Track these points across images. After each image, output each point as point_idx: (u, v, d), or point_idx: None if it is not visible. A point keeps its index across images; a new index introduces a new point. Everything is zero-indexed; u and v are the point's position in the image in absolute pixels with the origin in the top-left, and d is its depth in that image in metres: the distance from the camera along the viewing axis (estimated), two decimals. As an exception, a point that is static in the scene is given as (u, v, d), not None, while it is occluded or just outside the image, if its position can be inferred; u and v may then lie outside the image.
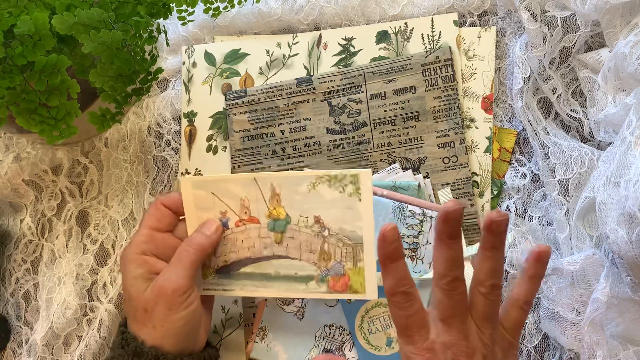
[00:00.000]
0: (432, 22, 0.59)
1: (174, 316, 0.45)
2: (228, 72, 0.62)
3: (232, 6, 0.60)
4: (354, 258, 0.45)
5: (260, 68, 0.61)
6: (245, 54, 0.62)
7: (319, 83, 0.59)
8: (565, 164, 0.52)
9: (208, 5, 0.59)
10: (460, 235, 0.41)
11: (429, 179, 0.56)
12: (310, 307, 0.54)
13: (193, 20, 0.61)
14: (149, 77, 0.53)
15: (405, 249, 0.53)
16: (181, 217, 0.50)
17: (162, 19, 0.53)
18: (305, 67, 0.61)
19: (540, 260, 0.42)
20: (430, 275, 0.51)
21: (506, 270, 0.53)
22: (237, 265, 0.49)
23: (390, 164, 0.57)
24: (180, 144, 0.62)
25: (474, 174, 0.56)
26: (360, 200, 0.44)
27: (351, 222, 0.45)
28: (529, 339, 0.53)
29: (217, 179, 0.47)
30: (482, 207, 0.55)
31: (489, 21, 0.59)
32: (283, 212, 0.46)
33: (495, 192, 0.56)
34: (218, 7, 0.60)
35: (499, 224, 0.40)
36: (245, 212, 0.47)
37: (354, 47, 0.60)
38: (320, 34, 0.61)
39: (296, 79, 0.60)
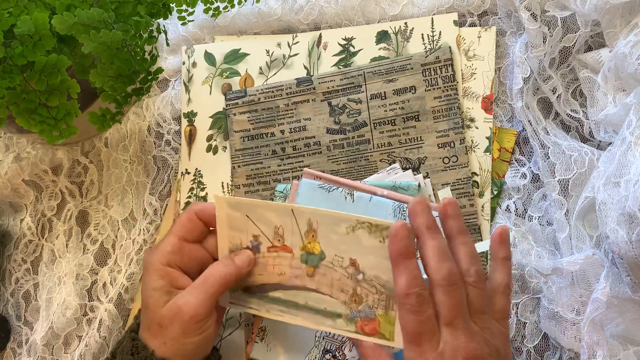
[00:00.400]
0: (432, 22, 0.59)
1: (187, 340, 0.44)
2: (228, 72, 0.62)
3: (232, 6, 0.60)
4: (386, 307, 0.44)
5: (260, 68, 0.61)
6: (245, 54, 0.62)
7: (319, 83, 0.59)
8: (565, 164, 0.52)
9: (208, 5, 0.59)
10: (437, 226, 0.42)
11: (429, 179, 0.56)
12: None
13: (193, 20, 0.61)
14: (149, 77, 0.53)
15: (405, 249, 0.53)
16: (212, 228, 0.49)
17: (162, 19, 0.53)
18: (305, 67, 0.61)
19: (503, 241, 0.44)
20: None
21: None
22: (265, 287, 0.48)
23: (390, 164, 0.57)
24: (180, 144, 0.62)
25: (474, 174, 0.56)
26: None
27: (388, 273, 0.43)
28: (529, 339, 0.53)
29: (253, 203, 0.46)
30: (482, 207, 0.55)
31: (489, 21, 0.59)
32: (318, 248, 0.45)
33: (495, 192, 0.56)
34: (218, 7, 0.60)
35: (454, 205, 0.43)
36: (279, 240, 0.46)
37: (354, 47, 0.60)
38: (320, 34, 0.61)
39: (296, 79, 0.60)
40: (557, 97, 0.55)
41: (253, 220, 0.46)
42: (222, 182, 0.59)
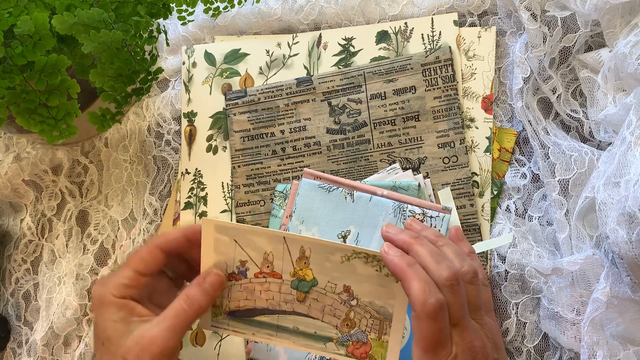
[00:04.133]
0: (432, 22, 0.59)
1: None
2: (228, 72, 0.62)
3: (232, 6, 0.60)
4: (379, 331, 0.44)
5: (260, 68, 0.61)
6: (245, 54, 0.62)
7: (319, 83, 0.59)
8: (565, 164, 0.52)
9: (208, 5, 0.59)
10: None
11: (429, 179, 0.56)
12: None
13: (193, 20, 0.61)
14: (149, 77, 0.53)
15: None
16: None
17: (162, 19, 0.53)
18: (305, 67, 0.61)
19: (460, 238, 0.47)
20: None
21: (506, 270, 0.53)
22: (251, 312, 0.47)
23: (390, 164, 0.57)
24: (180, 144, 0.62)
25: (474, 174, 0.56)
26: (397, 282, 0.43)
27: (383, 299, 0.43)
28: (529, 339, 0.53)
29: (242, 229, 0.44)
30: (482, 207, 0.55)
31: (489, 21, 0.59)
32: (310, 275, 0.44)
33: (495, 192, 0.56)
34: (218, 7, 0.60)
35: (416, 221, 0.48)
36: (268, 267, 0.45)
37: (354, 47, 0.60)
38: (320, 34, 0.61)
39: (296, 79, 0.60)
40: (557, 97, 0.55)
41: (241, 246, 0.44)
42: (222, 182, 0.59)
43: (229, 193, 0.59)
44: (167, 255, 0.46)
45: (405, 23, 0.60)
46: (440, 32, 0.59)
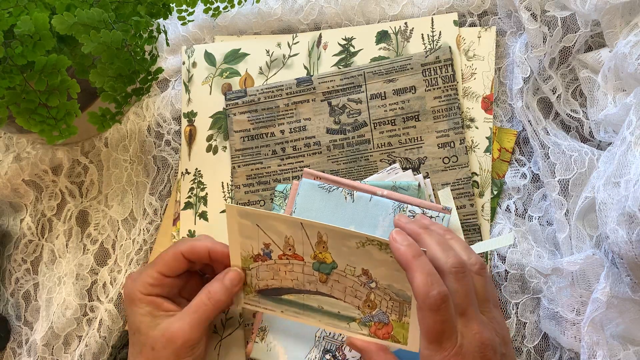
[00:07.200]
0: (432, 22, 0.59)
1: None
2: (228, 72, 0.62)
3: (232, 6, 0.60)
4: (399, 313, 0.45)
5: (260, 68, 0.61)
6: (245, 54, 0.62)
7: (319, 83, 0.59)
8: (565, 164, 0.52)
9: (208, 5, 0.59)
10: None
11: (429, 179, 0.56)
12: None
13: (193, 20, 0.61)
14: (149, 77, 0.53)
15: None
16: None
17: (162, 19, 0.53)
18: (305, 67, 0.61)
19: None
20: None
21: (506, 270, 0.53)
22: (279, 291, 0.49)
23: (390, 164, 0.57)
24: (180, 144, 0.62)
25: (474, 174, 0.56)
26: None
27: (400, 283, 0.44)
28: (529, 339, 0.53)
29: (263, 214, 0.46)
30: (482, 207, 0.55)
31: (489, 21, 0.59)
32: (329, 258, 0.46)
33: (495, 192, 0.56)
34: (218, 7, 0.60)
35: (425, 216, 0.48)
36: (290, 249, 0.47)
37: (354, 47, 0.60)
38: (320, 34, 0.61)
39: (296, 79, 0.60)
40: (557, 97, 0.55)
41: (263, 230, 0.47)
42: (222, 182, 0.59)
43: (229, 193, 0.59)
44: (191, 262, 0.49)
45: (405, 23, 0.60)
46: (440, 32, 0.59)
